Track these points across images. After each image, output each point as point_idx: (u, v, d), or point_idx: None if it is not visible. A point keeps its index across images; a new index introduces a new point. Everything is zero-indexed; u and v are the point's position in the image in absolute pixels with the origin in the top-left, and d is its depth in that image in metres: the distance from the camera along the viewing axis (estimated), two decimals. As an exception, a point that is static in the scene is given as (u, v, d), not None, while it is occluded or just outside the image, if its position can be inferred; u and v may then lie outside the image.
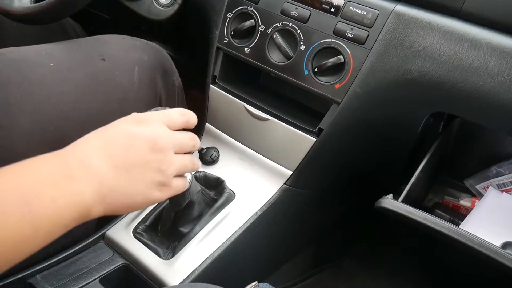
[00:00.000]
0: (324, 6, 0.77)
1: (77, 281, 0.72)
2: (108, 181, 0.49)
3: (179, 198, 0.69)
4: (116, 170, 0.50)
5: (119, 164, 0.50)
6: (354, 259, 1.23)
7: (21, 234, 0.42)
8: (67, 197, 0.45)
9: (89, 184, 0.47)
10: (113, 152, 0.50)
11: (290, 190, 0.85)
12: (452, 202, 0.96)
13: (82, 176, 0.47)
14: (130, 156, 0.51)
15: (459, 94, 0.69)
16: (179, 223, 0.76)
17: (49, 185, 0.44)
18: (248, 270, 0.89)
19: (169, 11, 0.99)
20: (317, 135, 0.80)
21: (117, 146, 0.51)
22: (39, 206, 0.42)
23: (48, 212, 0.43)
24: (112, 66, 0.80)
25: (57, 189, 0.44)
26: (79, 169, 0.47)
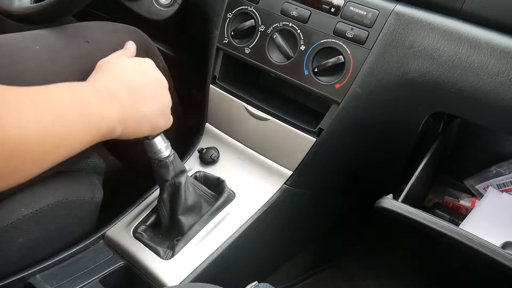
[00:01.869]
0: (324, 6, 0.77)
1: (77, 281, 0.71)
2: (127, 108, 0.62)
3: (164, 171, 0.75)
4: (132, 99, 0.63)
5: (135, 93, 0.63)
6: (354, 259, 1.23)
7: (80, 129, 0.54)
8: (103, 109, 0.58)
9: (115, 108, 0.59)
10: (129, 83, 0.64)
11: (290, 190, 0.85)
12: (452, 202, 0.96)
13: (110, 101, 0.59)
14: (144, 88, 0.65)
15: (459, 94, 0.69)
16: (177, 211, 0.76)
17: (92, 102, 0.57)
18: (248, 270, 0.90)
19: (169, 11, 0.99)
20: (317, 135, 0.80)
21: (131, 78, 0.65)
22: (90, 114, 0.55)
23: (94, 118, 0.56)
24: (96, 48, 0.82)
25: (97, 105, 0.57)
26: (108, 96, 0.60)
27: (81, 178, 0.79)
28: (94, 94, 0.58)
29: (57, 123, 0.51)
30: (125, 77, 0.65)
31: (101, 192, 0.81)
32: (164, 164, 0.74)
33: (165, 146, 0.74)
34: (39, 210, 0.70)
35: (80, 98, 0.55)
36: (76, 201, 0.76)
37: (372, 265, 1.22)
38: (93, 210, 0.80)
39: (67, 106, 0.53)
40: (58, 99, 0.53)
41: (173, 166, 0.75)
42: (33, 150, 0.48)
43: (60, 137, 0.51)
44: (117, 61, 0.69)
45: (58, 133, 0.51)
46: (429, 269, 1.18)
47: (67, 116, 0.52)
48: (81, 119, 0.54)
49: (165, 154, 0.74)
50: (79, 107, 0.54)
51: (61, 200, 0.73)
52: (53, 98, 0.52)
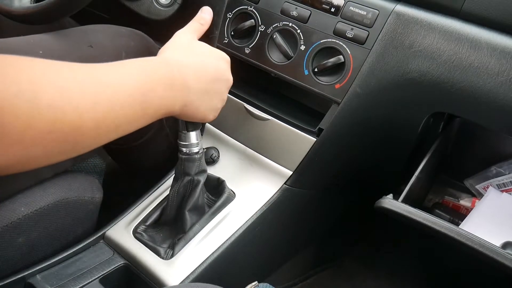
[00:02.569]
0: (324, 6, 0.77)
1: (77, 281, 0.71)
2: (191, 96, 0.63)
3: (189, 166, 0.75)
4: (200, 90, 0.64)
5: (204, 85, 0.65)
6: (354, 259, 1.23)
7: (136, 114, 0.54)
8: (168, 98, 0.59)
9: (181, 94, 0.61)
10: (203, 75, 0.65)
11: (290, 190, 0.85)
12: (452, 202, 0.96)
13: (180, 86, 0.61)
14: (213, 84, 0.67)
15: (459, 94, 0.69)
16: (186, 205, 0.76)
17: (160, 86, 0.57)
18: (248, 270, 0.89)
19: (169, 11, 0.99)
20: (317, 135, 0.80)
21: (206, 72, 0.66)
22: (152, 99, 0.56)
23: (155, 104, 0.57)
24: (100, 52, 0.82)
25: (164, 90, 0.58)
26: (179, 80, 0.61)
27: (81, 178, 0.79)
28: (165, 78, 0.58)
29: (116, 110, 0.50)
30: (202, 68, 0.66)
31: (101, 192, 0.81)
32: (192, 159, 0.74)
33: (198, 141, 0.75)
34: (39, 210, 0.70)
35: (147, 79, 0.55)
36: (76, 201, 0.76)
37: (372, 265, 1.22)
38: (93, 210, 0.80)
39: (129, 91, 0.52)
40: (120, 80, 0.52)
41: (199, 163, 0.76)
42: (87, 135, 0.48)
43: (114, 124, 0.51)
44: (197, 44, 0.70)
45: (113, 120, 0.51)
46: (429, 269, 1.18)
47: (127, 103, 0.52)
48: (141, 108, 0.54)
49: (196, 149, 0.74)
50: (142, 92, 0.54)
51: (61, 200, 0.73)
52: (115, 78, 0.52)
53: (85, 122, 0.47)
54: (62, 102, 0.45)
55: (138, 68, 0.56)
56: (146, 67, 0.57)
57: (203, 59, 0.67)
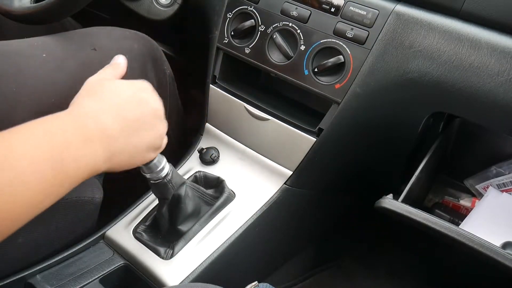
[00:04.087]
0: (324, 6, 0.77)
1: (77, 281, 0.72)
2: (117, 143, 0.55)
3: (162, 190, 0.72)
4: (125, 133, 0.56)
5: (129, 126, 0.56)
6: (354, 259, 1.23)
7: (52, 184, 0.47)
8: (86, 156, 0.51)
9: (102, 145, 0.53)
10: (124, 115, 0.56)
11: (290, 190, 0.85)
12: (452, 202, 0.96)
13: (98, 138, 0.52)
14: (139, 120, 0.58)
15: (459, 94, 0.69)
16: (175, 221, 0.76)
17: (73, 146, 0.49)
18: (248, 270, 0.89)
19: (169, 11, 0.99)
20: (317, 135, 0.80)
21: (128, 110, 0.57)
22: (66, 165, 0.48)
23: (71, 168, 0.49)
24: (104, 55, 0.81)
25: (79, 149, 0.50)
26: (96, 131, 0.52)
27: (81, 178, 0.79)
28: (77, 134, 0.50)
29: (21, 193, 0.44)
30: (120, 107, 0.57)
31: (101, 192, 0.81)
32: (162, 184, 0.70)
33: (162, 166, 0.68)
34: (39, 210, 0.70)
35: (54, 144, 0.48)
36: (76, 201, 0.76)
37: (372, 265, 1.22)
38: (93, 210, 0.80)
39: (34, 165, 0.45)
40: (23, 154, 0.45)
41: (172, 184, 0.71)
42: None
43: (27, 203, 0.45)
44: (111, 85, 0.60)
45: (22, 202, 0.44)
46: (429, 269, 1.18)
47: (33, 180, 0.45)
48: (55, 177, 0.47)
49: (162, 174, 0.69)
50: (52, 161, 0.47)
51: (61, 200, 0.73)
52: (13, 152, 0.44)
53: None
54: None
55: (41, 135, 0.48)
56: (51, 130, 0.49)
57: (119, 97, 0.58)
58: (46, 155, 0.46)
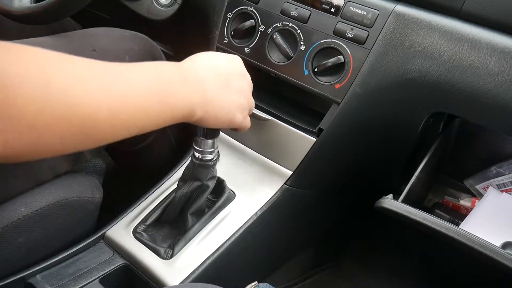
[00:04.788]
0: (324, 6, 0.77)
1: (77, 281, 0.71)
2: (210, 93, 0.61)
3: (201, 172, 0.74)
4: (218, 88, 0.62)
5: (221, 79, 0.63)
6: (354, 259, 1.23)
7: (153, 109, 0.53)
8: (185, 92, 0.57)
9: (198, 90, 0.59)
10: (218, 71, 0.64)
11: (290, 190, 0.85)
12: (452, 202, 0.96)
13: (195, 82, 0.59)
14: (230, 77, 0.65)
15: (459, 94, 0.69)
16: (189, 208, 0.76)
17: (175, 83, 0.56)
18: (248, 270, 0.89)
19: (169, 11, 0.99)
20: (317, 135, 0.80)
21: (221, 66, 0.65)
22: (168, 91, 0.55)
23: (172, 96, 0.55)
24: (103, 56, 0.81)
25: (179, 83, 0.57)
26: (194, 76, 0.60)
27: (81, 178, 0.79)
28: (177, 74, 0.58)
29: (131, 100, 0.49)
30: (213, 64, 0.64)
31: (101, 192, 0.81)
32: (206, 165, 0.73)
33: (214, 149, 0.73)
34: (39, 210, 0.70)
35: (160, 77, 0.55)
36: (76, 201, 0.76)
37: (372, 265, 1.22)
38: (93, 210, 0.80)
39: (143, 85, 0.52)
40: (134, 76, 0.51)
41: (212, 170, 0.74)
42: (103, 127, 0.47)
43: (132, 117, 0.50)
44: (206, 53, 0.68)
45: (129, 113, 0.49)
46: (429, 269, 1.18)
47: (141, 97, 0.51)
48: (158, 101, 0.53)
49: (210, 156, 0.73)
50: (157, 87, 0.53)
51: (61, 200, 0.73)
52: (128, 74, 0.51)
53: (100, 111, 0.46)
54: (74, 88, 0.44)
55: (151, 65, 0.56)
56: (157, 65, 0.57)
57: (213, 59, 0.66)
58: (155, 87, 0.53)
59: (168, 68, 0.58)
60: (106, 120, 0.47)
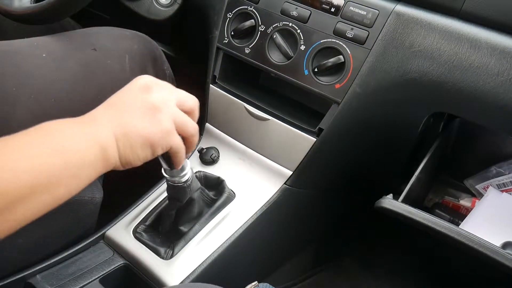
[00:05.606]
0: (324, 6, 0.77)
1: (77, 281, 0.72)
2: (113, 125, 0.52)
3: (180, 194, 0.71)
4: (117, 115, 0.53)
5: (120, 109, 0.54)
6: (354, 259, 1.23)
7: (55, 166, 0.46)
8: (83, 135, 0.49)
9: (100, 128, 0.51)
10: (114, 101, 0.55)
11: (290, 190, 0.85)
12: (452, 202, 0.96)
13: (93, 124, 0.52)
14: (132, 104, 0.55)
15: (459, 94, 0.69)
16: (179, 221, 0.76)
17: (70, 128, 0.50)
18: (248, 270, 0.89)
19: (169, 11, 0.99)
20: (317, 135, 0.80)
21: (123, 98, 0.56)
22: (65, 144, 0.48)
23: (72, 147, 0.48)
24: (103, 55, 0.81)
25: (78, 129, 0.50)
26: (90, 120, 0.52)
27: (81, 178, 0.79)
28: (68, 125, 0.50)
29: (20, 170, 0.44)
30: (116, 96, 0.56)
31: (101, 192, 0.81)
32: (181, 188, 0.70)
33: (185, 172, 0.68)
34: (39, 210, 0.70)
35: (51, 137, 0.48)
36: (76, 201, 0.76)
37: (372, 265, 1.22)
38: (93, 210, 0.80)
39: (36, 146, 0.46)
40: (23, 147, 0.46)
41: (190, 189, 0.71)
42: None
43: (28, 185, 0.44)
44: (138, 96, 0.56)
45: (24, 182, 0.44)
46: (429, 269, 1.18)
47: (34, 158, 0.45)
48: (59, 157, 0.47)
49: (184, 179, 0.69)
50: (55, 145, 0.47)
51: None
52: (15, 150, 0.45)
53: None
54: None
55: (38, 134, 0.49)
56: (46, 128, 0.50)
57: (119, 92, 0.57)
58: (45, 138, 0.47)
59: (61, 123, 0.50)
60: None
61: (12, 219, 0.44)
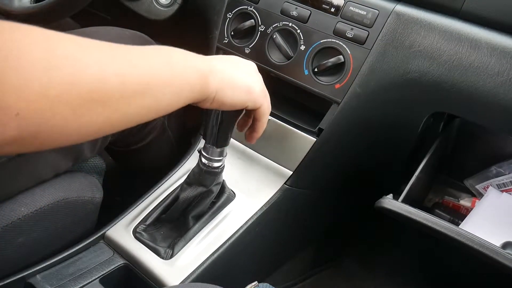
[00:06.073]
0: (324, 6, 0.77)
1: (77, 281, 0.71)
2: (219, 66, 0.59)
3: (207, 179, 0.73)
4: (224, 63, 0.61)
5: (227, 62, 0.62)
6: (353, 259, 1.23)
7: (164, 75, 0.51)
8: (191, 61, 0.55)
9: (206, 63, 0.57)
10: (227, 59, 0.63)
11: (290, 190, 0.85)
12: (452, 202, 0.96)
13: (200, 59, 0.58)
14: (240, 63, 0.64)
15: (459, 94, 0.69)
16: (190, 212, 0.76)
17: (185, 59, 0.55)
18: (248, 270, 0.89)
19: (169, 11, 0.99)
20: (317, 135, 0.80)
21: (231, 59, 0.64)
22: (176, 62, 0.53)
23: (179, 66, 0.53)
24: None
25: (185, 58, 0.55)
26: (199, 56, 0.58)
27: (81, 178, 0.79)
28: (184, 54, 0.56)
29: (139, 65, 0.48)
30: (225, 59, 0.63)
31: (101, 192, 0.81)
32: (212, 172, 0.72)
33: (222, 157, 0.72)
34: (39, 210, 0.70)
35: (169, 53, 0.54)
36: (76, 201, 0.76)
37: (372, 265, 1.22)
38: (93, 210, 0.80)
39: (152, 53, 0.51)
40: (142, 48, 0.51)
41: (218, 177, 0.74)
42: (113, 93, 0.45)
43: (142, 81, 0.48)
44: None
45: (139, 75, 0.47)
46: (429, 269, 1.18)
47: (151, 65, 0.49)
48: (167, 65, 0.51)
49: (217, 164, 0.72)
50: (167, 59, 0.52)
51: (61, 200, 0.73)
52: (136, 47, 0.50)
53: (108, 77, 0.44)
54: (79, 54, 0.43)
55: (160, 47, 0.54)
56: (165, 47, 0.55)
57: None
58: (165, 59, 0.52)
59: (173, 49, 0.56)
60: (116, 88, 0.45)
61: (122, 113, 0.47)
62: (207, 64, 0.57)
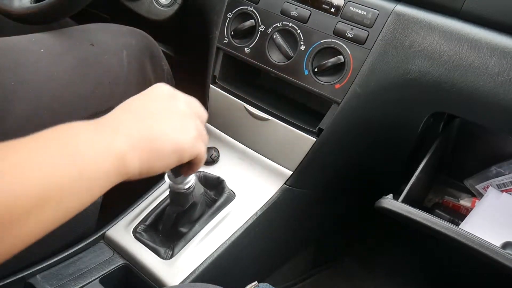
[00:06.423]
0: (324, 6, 0.77)
1: (77, 281, 0.72)
2: (137, 132, 0.48)
3: (182, 200, 0.71)
4: (142, 122, 0.49)
5: (144, 116, 0.50)
6: (354, 259, 1.23)
7: (68, 176, 0.42)
8: (101, 142, 0.45)
9: (120, 135, 0.47)
10: (142, 110, 0.51)
11: (290, 190, 0.85)
12: (452, 202, 0.96)
13: (113, 131, 0.47)
14: (154, 107, 0.52)
15: (459, 94, 0.69)
16: (180, 223, 0.76)
17: (85, 133, 0.45)
18: (248, 270, 0.89)
19: (169, 11, 0.99)
20: (317, 135, 0.80)
21: (149, 104, 0.52)
22: (83, 151, 0.43)
23: (87, 156, 0.44)
24: (101, 50, 0.82)
25: (93, 139, 0.45)
26: (109, 127, 0.48)
27: (81, 178, 0.79)
28: (85, 129, 0.46)
29: (31, 178, 0.40)
30: (136, 100, 0.53)
31: (101, 192, 0.81)
32: (183, 194, 0.69)
33: (189, 179, 0.67)
34: (39, 210, 0.70)
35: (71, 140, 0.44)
36: (76, 201, 0.75)
37: (372, 265, 1.22)
38: (93, 210, 0.80)
39: (49, 153, 0.42)
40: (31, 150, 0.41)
41: (192, 195, 0.71)
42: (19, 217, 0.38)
43: (37, 195, 0.40)
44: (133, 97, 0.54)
45: (33, 190, 0.40)
46: (429, 269, 1.18)
47: (46, 165, 0.41)
48: (72, 163, 0.43)
49: (187, 186, 0.67)
50: (70, 149, 0.43)
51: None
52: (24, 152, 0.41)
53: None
54: None
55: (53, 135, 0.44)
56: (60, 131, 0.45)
57: (137, 97, 0.53)
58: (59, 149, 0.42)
59: (76, 127, 0.46)
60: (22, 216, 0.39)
61: (19, 235, 0.39)
62: (122, 138, 0.47)
